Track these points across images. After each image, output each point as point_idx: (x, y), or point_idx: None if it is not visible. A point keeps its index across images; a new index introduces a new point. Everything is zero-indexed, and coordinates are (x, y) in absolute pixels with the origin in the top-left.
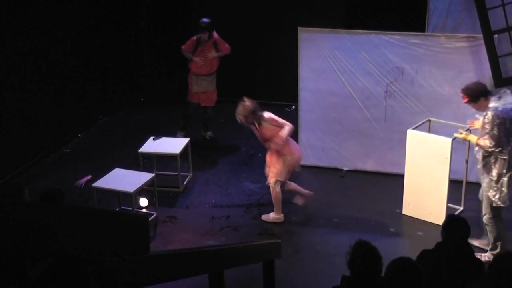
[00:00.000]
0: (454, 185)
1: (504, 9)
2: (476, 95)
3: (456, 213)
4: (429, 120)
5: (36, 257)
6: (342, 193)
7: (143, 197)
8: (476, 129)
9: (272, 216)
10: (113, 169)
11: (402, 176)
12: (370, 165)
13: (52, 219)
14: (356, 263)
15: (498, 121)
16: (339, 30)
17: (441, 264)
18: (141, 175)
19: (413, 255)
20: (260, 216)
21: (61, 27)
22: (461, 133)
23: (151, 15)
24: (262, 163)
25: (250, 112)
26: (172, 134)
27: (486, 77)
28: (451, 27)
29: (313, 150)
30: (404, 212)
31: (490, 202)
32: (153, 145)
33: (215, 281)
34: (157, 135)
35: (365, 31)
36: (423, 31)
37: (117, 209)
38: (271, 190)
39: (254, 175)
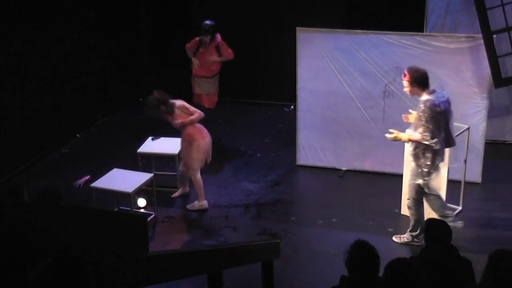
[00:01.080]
0: (453, 185)
1: (503, 9)
2: (417, 81)
3: (455, 213)
4: None
5: (35, 257)
6: (340, 193)
7: (141, 197)
8: (410, 123)
9: (197, 203)
10: (111, 169)
11: (400, 176)
12: (368, 165)
13: (51, 219)
14: (355, 263)
15: (431, 112)
16: (338, 30)
17: (429, 269)
18: (139, 175)
19: (412, 255)
20: (259, 217)
21: (61, 27)
22: (392, 133)
23: (150, 15)
24: (261, 163)
25: (161, 103)
26: (171, 134)
27: (486, 77)
28: (450, 27)
29: (311, 150)
30: (403, 212)
31: (416, 188)
32: (151, 145)
33: (214, 281)
34: (156, 135)
35: (364, 31)
36: (422, 31)
37: (116, 209)
38: (193, 181)
39: (252, 175)
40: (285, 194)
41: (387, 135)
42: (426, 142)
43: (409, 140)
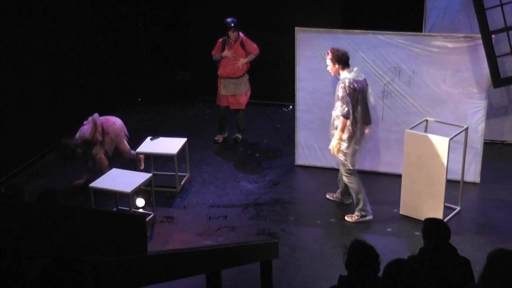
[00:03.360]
0: (451, 185)
1: (502, 9)
2: (338, 59)
3: (454, 213)
4: (426, 120)
5: (33, 257)
6: None
7: (139, 197)
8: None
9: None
10: (110, 169)
11: (399, 176)
12: (367, 165)
13: (50, 219)
14: (353, 262)
15: (349, 89)
16: (336, 30)
17: (428, 269)
18: (138, 175)
19: (411, 255)
20: (258, 216)
21: (59, 27)
22: (333, 147)
23: (148, 15)
24: (260, 163)
25: (75, 148)
26: (169, 134)
27: (484, 77)
28: (449, 27)
29: (310, 150)
30: (402, 212)
31: (344, 164)
32: (150, 145)
33: (212, 281)
34: (155, 135)
35: (362, 31)
36: (421, 31)
37: (114, 209)
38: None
39: (251, 175)
40: (284, 194)
41: (333, 152)
42: (342, 116)
43: (341, 132)
